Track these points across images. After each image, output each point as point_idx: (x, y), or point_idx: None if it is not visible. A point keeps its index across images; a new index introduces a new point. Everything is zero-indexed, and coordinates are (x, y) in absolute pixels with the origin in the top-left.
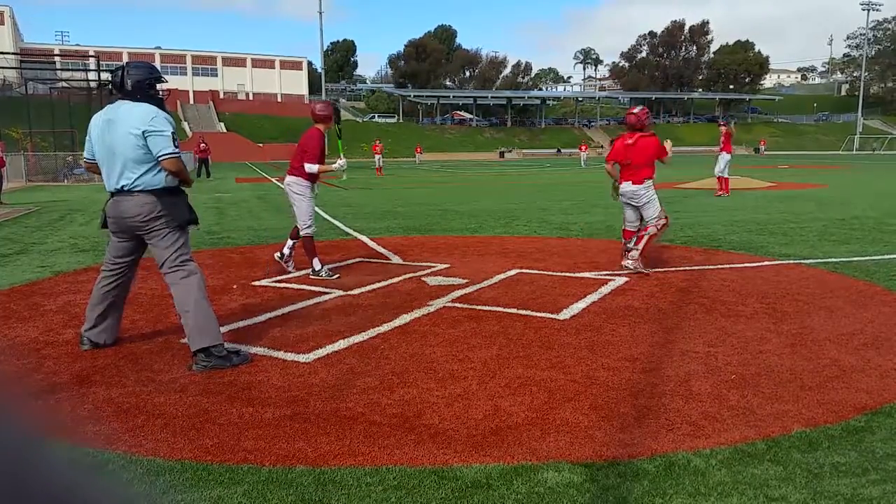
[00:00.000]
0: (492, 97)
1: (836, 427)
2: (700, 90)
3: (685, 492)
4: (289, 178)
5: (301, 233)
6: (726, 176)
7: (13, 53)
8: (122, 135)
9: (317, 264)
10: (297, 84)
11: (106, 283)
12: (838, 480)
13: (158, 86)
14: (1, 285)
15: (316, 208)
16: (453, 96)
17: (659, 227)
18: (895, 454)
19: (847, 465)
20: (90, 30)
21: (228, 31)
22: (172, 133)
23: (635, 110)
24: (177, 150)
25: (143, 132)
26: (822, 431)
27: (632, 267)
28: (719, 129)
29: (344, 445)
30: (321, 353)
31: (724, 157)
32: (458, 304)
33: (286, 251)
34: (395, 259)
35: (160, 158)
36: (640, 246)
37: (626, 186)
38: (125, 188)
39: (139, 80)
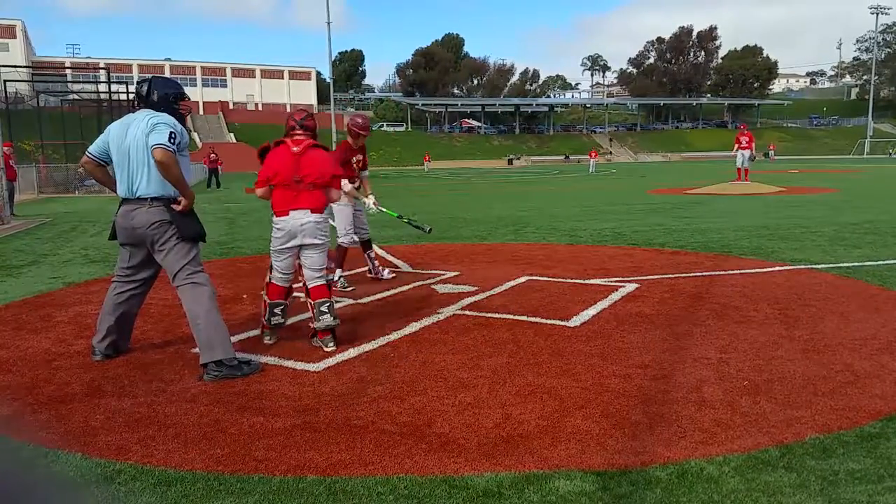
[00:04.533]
0: (500, 105)
1: (850, 433)
2: (708, 95)
3: (698, 500)
4: None
5: (338, 240)
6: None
7: (25, 66)
8: (135, 139)
9: (337, 273)
10: (305, 94)
11: (117, 292)
12: (854, 487)
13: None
14: (13, 296)
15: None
16: (461, 104)
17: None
18: None
19: (862, 472)
20: (101, 43)
21: (237, 42)
22: (172, 133)
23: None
24: (170, 145)
25: (147, 133)
26: (837, 438)
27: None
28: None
29: (354, 454)
30: (331, 361)
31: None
32: (467, 312)
33: (370, 266)
34: (405, 267)
35: (151, 147)
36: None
37: (300, 217)
38: (137, 194)
39: (165, 94)
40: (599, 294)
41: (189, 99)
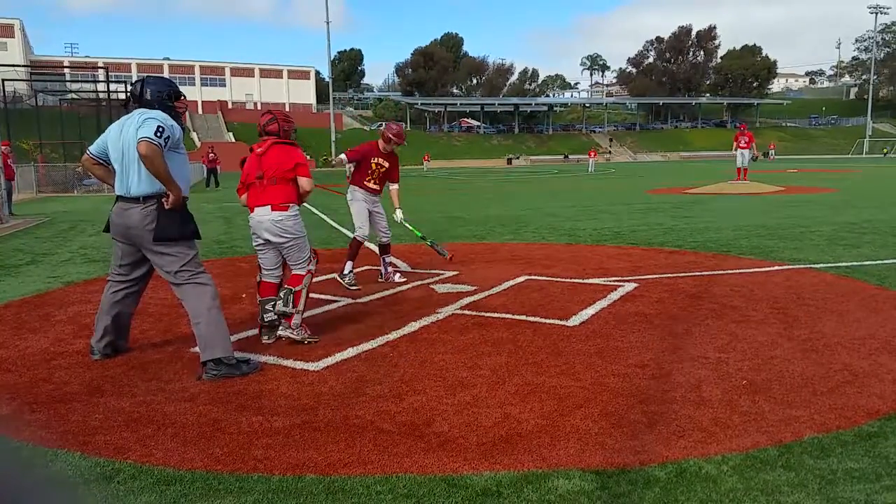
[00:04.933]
0: (499, 104)
1: (848, 433)
2: (708, 95)
3: (697, 499)
4: None
5: (354, 233)
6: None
7: (23, 66)
8: (127, 138)
9: (347, 268)
10: (304, 93)
11: (112, 292)
12: (852, 486)
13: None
14: (12, 296)
15: (323, 216)
16: (460, 104)
17: (313, 272)
18: None
19: (860, 471)
20: (99, 42)
21: (236, 42)
22: (160, 127)
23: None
24: (155, 138)
25: (137, 129)
26: (835, 437)
27: (297, 337)
28: (742, 132)
29: (353, 454)
30: (330, 361)
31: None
32: (466, 312)
33: (382, 269)
34: (404, 266)
35: (136, 141)
36: (301, 305)
37: (261, 214)
38: (131, 193)
39: (159, 92)
40: (598, 293)
41: (185, 97)
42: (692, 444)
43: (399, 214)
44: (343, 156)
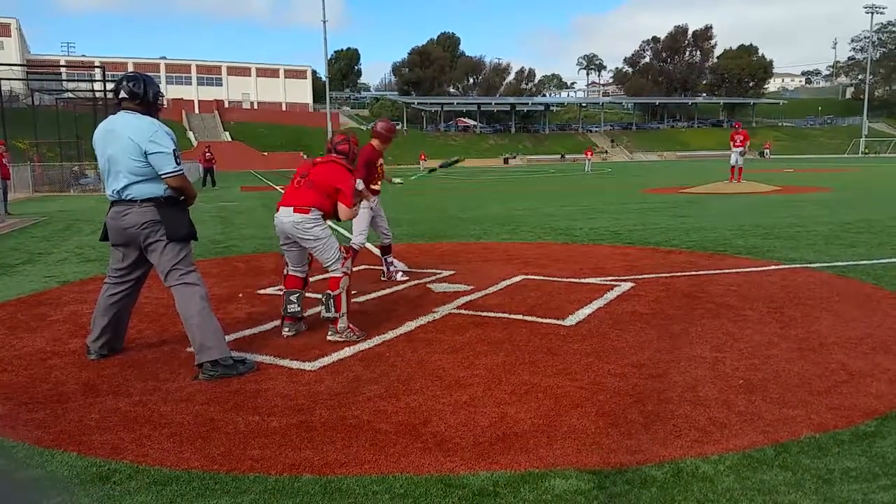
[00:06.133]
0: (495, 104)
1: (845, 432)
2: (704, 95)
3: (694, 498)
4: None
5: (351, 241)
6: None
7: (20, 65)
8: (123, 146)
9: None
10: (301, 93)
11: (109, 293)
12: (848, 486)
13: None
14: (7, 295)
15: None
16: (457, 103)
17: (349, 273)
18: None
19: (857, 471)
20: (96, 41)
21: (233, 41)
22: (174, 150)
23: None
24: (179, 168)
25: (146, 151)
26: (832, 436)
27: (344, 339)
28: (738, 131)
29: (350, 454)
30: (327, 361)
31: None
32: (463, 311)
33: (385, 269)
34: (402, 266)
35: (163, 177)
36: (343, 308)
37: (283, 214)
38: (125, 197)
39: (156, 93)
40: (595, 293)
41: (163, 96)
42: (689, 444)
43: (397, 179)
44: (361, 185)
